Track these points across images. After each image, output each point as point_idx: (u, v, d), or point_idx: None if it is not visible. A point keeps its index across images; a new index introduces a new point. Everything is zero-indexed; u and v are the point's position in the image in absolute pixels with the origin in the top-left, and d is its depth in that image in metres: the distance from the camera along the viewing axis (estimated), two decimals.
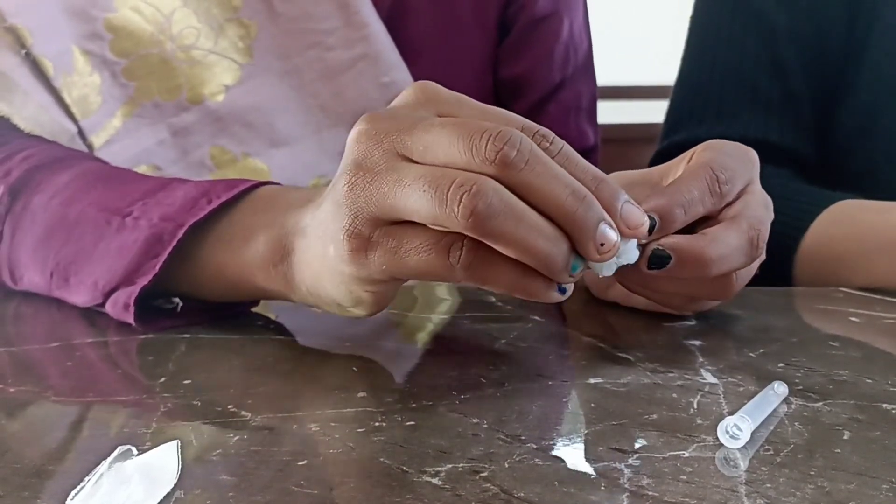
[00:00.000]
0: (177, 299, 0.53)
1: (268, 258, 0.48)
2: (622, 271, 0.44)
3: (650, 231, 0.45)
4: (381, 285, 0.44)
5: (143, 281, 0.50)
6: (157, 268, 0.50)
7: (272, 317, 0.55)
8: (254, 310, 0.56)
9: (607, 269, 0.42)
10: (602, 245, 0.39)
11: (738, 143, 0.51)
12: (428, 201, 0.38)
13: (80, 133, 0.68)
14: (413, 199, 0.39)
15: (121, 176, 0.58)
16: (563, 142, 0.41)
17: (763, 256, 0.52)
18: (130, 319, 0.50)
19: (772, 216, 0.52)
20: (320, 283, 0.45)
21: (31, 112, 0.65)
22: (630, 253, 0.43)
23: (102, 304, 0.53)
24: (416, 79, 0.78)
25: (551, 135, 0.41)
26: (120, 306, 0.51)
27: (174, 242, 0.50)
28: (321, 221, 0.44)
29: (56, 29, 0.67)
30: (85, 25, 0.68)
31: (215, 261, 0.51)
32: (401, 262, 0.40)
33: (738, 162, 0.49)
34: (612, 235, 0.39)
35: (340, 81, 0.76)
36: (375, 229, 0.41)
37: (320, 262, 0.44)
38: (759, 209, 0.49)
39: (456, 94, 0.43)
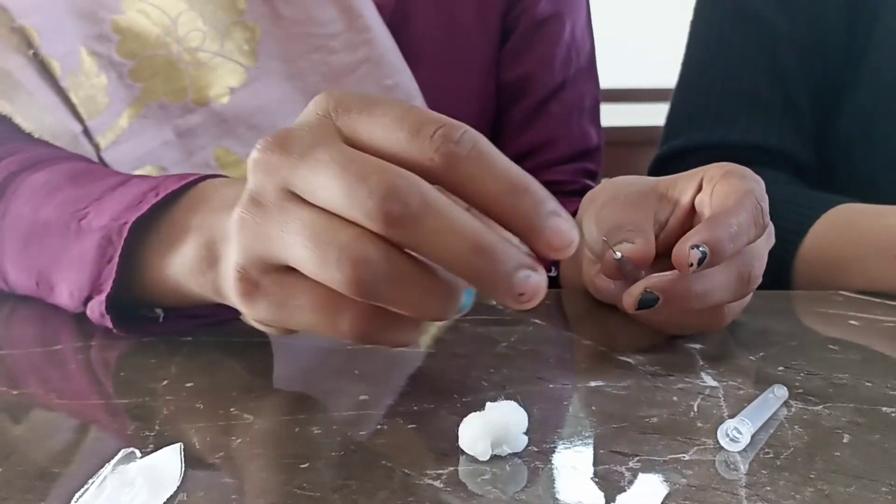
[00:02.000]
0: (159, 310, 0.53)
1: (196, 265, 0.44)
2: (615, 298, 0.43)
3: (700, 263, 0.44)
4: (275, 328, 0.41)
5: (107, 287, 0.49)
6: (115, 271, 0.49)
7: None
8: None
9: None
10: (522, 295, 0.34)
11: (745, 168, 0.51)
12: (311, 260, 0.35)
13: (87, 133, 0.69)
14: (297, 252, 0.36)
15: (88, 174, 0.57)
16: (476, 138, 0.35)
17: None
18: (110, 326, 0.50)
19: (772, 243, 0.52)
20: None
21: (35, 112, 0.65)
22: (516, 442, 0.36)
23: (84, 315, 0.52)
24: (419, 83, 0.78)
25: (459, 130, 0.35)
26: (97, 315, 0.50)
27: (122, 243, 0.48)
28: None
29: (64, 30, 0.67)
30: (92, 27, 0.69)
31: (156, 262, 0.49)
32: (287, 317, 0.38)
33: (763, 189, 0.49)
34: (535, 280, 0.34)
35: (344, 84, 0.76)
36: (264, 275, 0.38)
37: None
38: (761, 242, 0.49)
39: (366, 98, 0.37)
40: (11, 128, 0.65)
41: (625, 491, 0.33)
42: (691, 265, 0.44)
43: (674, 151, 0.89)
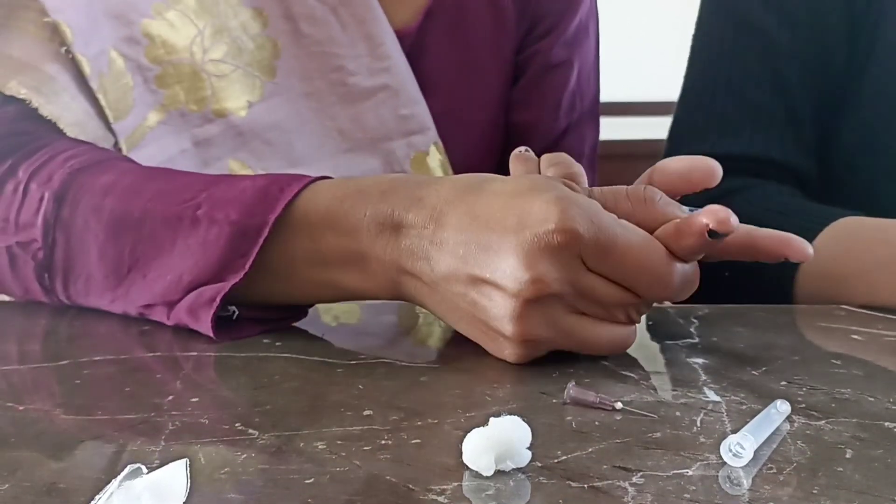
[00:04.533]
0: (233, 308, 0.54)
1: (381, 227, 0.50)
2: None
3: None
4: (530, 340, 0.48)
5: (234, 278, 0.51)
6: (248, 265, 0.51)
7: (278, 335, 0.55)
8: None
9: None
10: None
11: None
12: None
13: (106, 122, 0.69)
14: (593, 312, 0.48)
15: (167, 173, 0.59)
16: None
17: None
18: (208, 318, 0.51)
19: None
20: (450, 319, 0.51)
21: (77, 117, 0.65)
22: (519, 457, 0.36)
23: (172, 304, 0.53)
24: (432, 114, 0.79)
25: (670, 289, 0.49)
26: (204, 300, 0.52)
27: (261, 240, 0.51)
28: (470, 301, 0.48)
29: (97, 30, 0.67)
30: (123, 29, 0.69)
31: (297, 253, 0.52)
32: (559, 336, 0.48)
33: None
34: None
35: (360, 108, 0.77)
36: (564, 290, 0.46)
37: (462, 310, 0.49)
38: None
39: (606, 240, 0.46)
40: (53, 130, 0.64)
41: None
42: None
43: None
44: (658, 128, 1.10)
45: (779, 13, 0.87)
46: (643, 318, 0.54)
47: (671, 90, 0.99)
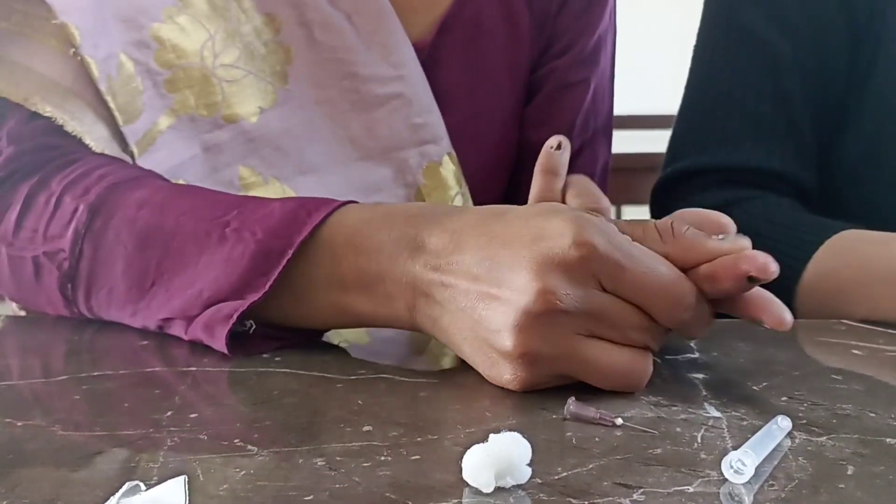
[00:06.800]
0: (250, 322, 0.54)
1: (402, 248, 0.49)
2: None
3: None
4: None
5: (254, 297, 0.51)
6: (268, 285, 0.51)
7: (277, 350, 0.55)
8: None
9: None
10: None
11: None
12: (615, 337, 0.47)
13: (125, 142, 0.69)
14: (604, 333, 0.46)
15: (201, 190, 0.59)
16: (697, 312, 0.47)
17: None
18: (223, 334, 0.51)
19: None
20: (456, 342, 0.49)
21: (102, 132, 0.66)
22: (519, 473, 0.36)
23: (191, 318, 0.53)
24: (447, 127, 0.79)
25: (700, 322, 0.48)
26: (221, 315, 0.52)
27: (284, 261, 0.51)
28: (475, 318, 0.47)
29: (105, 33, 0.67)
30: (133, 33, 0.69)
31: (316, 278, 0.52)
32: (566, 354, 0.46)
33: None
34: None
35: (372, 116, 0.76)
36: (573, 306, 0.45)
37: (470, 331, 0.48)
38: None
39: (617, 256, 0.45)
40: (83, 146, 0.64)
41: None
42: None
43: (678, 174, 0.89)
44: (657, 141, 1.10)
45: (780, 24, 0.87)
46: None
47: (669, 104, 0.99)
